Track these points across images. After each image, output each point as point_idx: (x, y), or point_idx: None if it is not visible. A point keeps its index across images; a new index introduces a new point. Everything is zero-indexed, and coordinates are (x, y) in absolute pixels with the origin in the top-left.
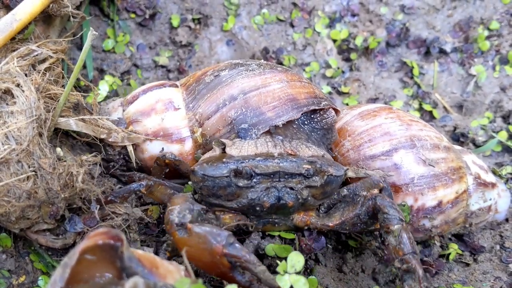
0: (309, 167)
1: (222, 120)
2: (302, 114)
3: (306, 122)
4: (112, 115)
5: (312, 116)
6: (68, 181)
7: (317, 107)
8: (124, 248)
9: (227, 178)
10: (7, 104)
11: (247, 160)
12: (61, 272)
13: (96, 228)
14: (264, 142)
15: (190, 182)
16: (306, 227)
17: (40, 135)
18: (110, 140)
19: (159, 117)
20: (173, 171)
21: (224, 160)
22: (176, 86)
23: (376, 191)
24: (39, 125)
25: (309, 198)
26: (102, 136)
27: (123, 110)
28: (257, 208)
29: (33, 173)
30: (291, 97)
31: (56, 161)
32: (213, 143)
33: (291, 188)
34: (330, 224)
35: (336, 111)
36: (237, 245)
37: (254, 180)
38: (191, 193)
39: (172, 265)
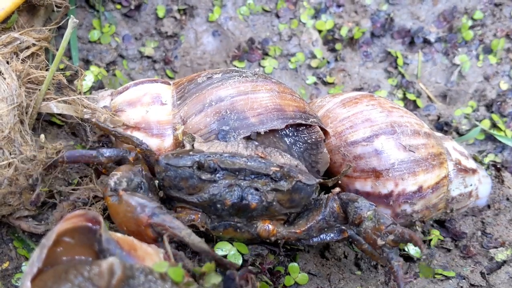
0: (277, 169)
1: (205, 121)
2: (287, 126)
3: (289, 135)
4: (99, 103)
5: (298, 129)
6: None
7: (303, 122)
8: (102, 230)
9: (190, 169)
10: None
11: (213, 155)
12: (39, 253)
13: None
14: (235, 144)
15: None
16: (271, 238)
17: (22, 122)
18: (93, 120)
19: (144, 109)
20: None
21: (190, 153)
22: (169, 84)
23: (337, 189)
24: (20, 112)
25: (274, 203)
26: (86, 116)
27: (111, 99)
28: (218, 206)
29: (15, 160)
30: (279, 107)
31: (37, 149)
32: (184, 138)
33: (256, 189)
34: (297, 231)
35: (325, 132)
36: (161, 214)
37: (218, 174)
38: (140, 166)
39: (151, 247)
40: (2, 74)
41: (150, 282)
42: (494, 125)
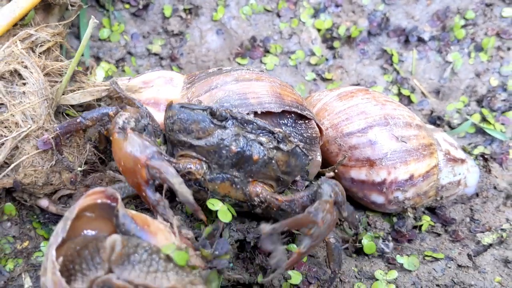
0: (282, 131)
1: (209, 99)
2: (285, 113)
3: (287, 124)
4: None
5: (296, 122)
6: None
7: (299, 111)
8: (119, 206)
9: (203, 112)
10: (16, 84)
11: (225, 107)
12: (63, 225)
13: None
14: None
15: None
16: (255, 199)
17: (49, 113)
18: (111, 94)
19: (156, 89)
20: None
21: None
22: (182, 75)
23: (330, 174)
24: (49, 104)
25: (273, 161)
26: (104, 94)
27: (128, 81)
28: (223, 152)
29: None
30: (278, 95)
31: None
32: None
33: (260, 144)
34: (279, 198)
35: (320, 129)
36: (159, 159)
37: (229, 122)
38: (145, 108)
39: (162, 224)
40: (29, 68)
41: (152, 261)
42: (484, 119)
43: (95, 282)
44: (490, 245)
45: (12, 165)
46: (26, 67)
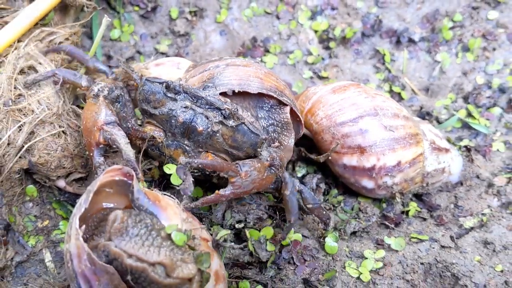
0: (229, 108)
1: (200, 79)
2: (264, 98)
3: (264, 108)
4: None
5: (272, 107)
6: None
7: (275, 96)
8: (134, 182)
9: (160, 85)
10: None
11: (207, 86)
12: (86, 197)
13: None
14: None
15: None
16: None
17: (64, 101)
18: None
19: (163, 70)
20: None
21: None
22: (190, 61)
23: (276, 143)
24: (62, 93)
25: (217, 135)
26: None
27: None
28: (172, 121)
29: (63, 132)
30: (259, 80)
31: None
32: None
33: (207, 117)
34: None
35: (298, 117)
36: (115, 126)
37: (180, 96)
38: (122, 83)
39: (171, 200)
40: (42, 64)
41: (149, 236)
42: (469, 115)
43: (97, 247)
44: (472, 228)
45: (26, 146)
46: (40, 63)
